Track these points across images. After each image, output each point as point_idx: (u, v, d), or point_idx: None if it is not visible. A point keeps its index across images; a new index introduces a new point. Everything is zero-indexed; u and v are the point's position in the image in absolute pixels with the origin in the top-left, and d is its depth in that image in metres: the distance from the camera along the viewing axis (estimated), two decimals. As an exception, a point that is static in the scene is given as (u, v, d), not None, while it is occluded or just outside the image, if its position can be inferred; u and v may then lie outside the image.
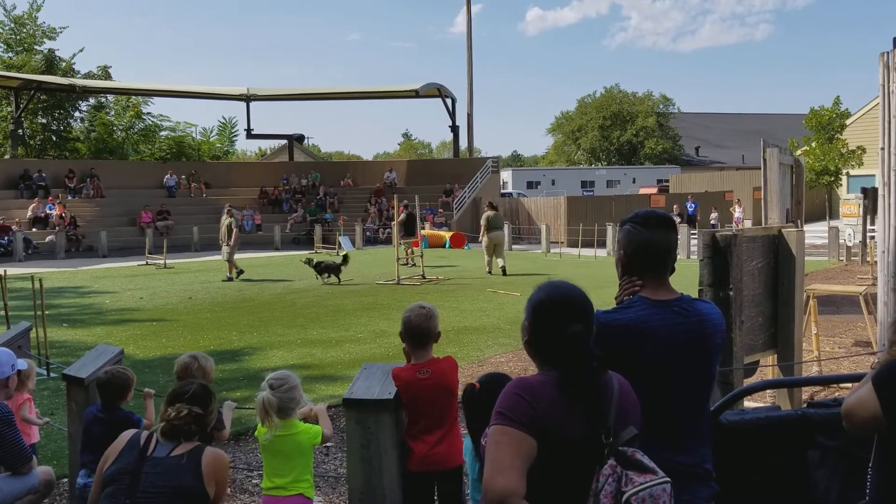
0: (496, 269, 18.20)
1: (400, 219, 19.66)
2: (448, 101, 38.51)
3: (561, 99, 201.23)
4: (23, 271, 17.49)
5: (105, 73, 41.25)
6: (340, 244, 27.10)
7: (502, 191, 42.75)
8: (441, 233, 29.44)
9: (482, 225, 18.70)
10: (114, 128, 41.33)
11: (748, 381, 4.92)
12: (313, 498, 3.88)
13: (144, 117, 42.21)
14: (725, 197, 36.07)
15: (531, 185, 56.50)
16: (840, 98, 35.78)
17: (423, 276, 17.42)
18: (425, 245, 22.05)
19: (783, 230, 5.64)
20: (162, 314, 13.11)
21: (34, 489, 4.27)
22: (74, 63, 39.48)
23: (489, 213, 18.72)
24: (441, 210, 33.57)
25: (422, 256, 18.24)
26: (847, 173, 36.57)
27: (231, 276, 17.98)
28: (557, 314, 2.10)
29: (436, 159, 67.98)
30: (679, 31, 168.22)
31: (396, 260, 17.46)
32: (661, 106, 70.48)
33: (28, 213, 28.47)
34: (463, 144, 40.39)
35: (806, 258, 6.00)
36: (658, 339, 2.33)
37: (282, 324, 11.88)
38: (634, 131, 67.62)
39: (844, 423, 2.15)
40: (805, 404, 3.20)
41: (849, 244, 20.74)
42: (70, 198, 30.68)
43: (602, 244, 24.37)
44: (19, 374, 4.77)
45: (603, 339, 2.19)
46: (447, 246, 27.87)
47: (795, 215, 7.74)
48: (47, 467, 4.66)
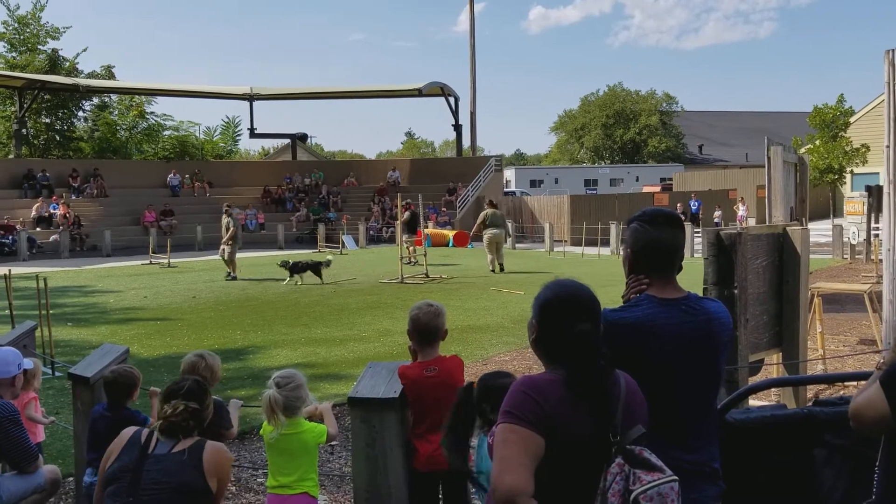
0: (497, 267, 18.33)
1: (404, 218, 19.70)
2: (451, 100, 38.47)
3: (564, 97, 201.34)
4: (27, 270, 17.52)
5: (108, 73, 41.26)
6: (344, 243, 27.12)
7: (505, 189, 42.70)
8: (444, 231, 29.45)
9: (478, 222, 19.04)
10: (117, 127, 41.36)
11: (753, 380, 4.91)
12: (318, 496, 3.89)
13: (148, 117, 42.24)
14: (729, 195, 36.03)
15: (534, 184, 56.39)
16: (844, 96, 35.78)
17: (427, 275, 17.42)
18: (429, 244, 22.05)
19: (788, 228, 5.63)
20: (166, 313, 13.13)
21: (40, 488, 4.27)
22: (78, 63, 39.50)
23: (488, 211, 18.80)
24: (444, 209, 33.56)
25: (425, 255, 18.25)
26: (851, 171, 36.51)
27: (234, 276, 18.00)
28: (565, 313, 2.10)
29: (439, 158, 67.98)
30: (682, 29, 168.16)
31: (400, 259, 17.47)
32: (665, 104, 70.34)
33: (32, 213, 28.51)
34: (466, 143, 40.36)
35: (810, 256, 5.99)
36: (665, 338, 2.33)
37: (286, 323, 11.89)
38: (638, 129, 67.47)
39: (852, 424, 2.15)
40: (811, 402, 3.20)
41: (853, 242, 20.70)
42: (74, 197, 30.72)
43: (605, 243, 24.35)
44: (25, 374, 4.78)
45: (610, 338, 2.19)
46: (450, 244, 27.88)
47: (800, 213, 7.73)
48: (53, 466, 4.67)
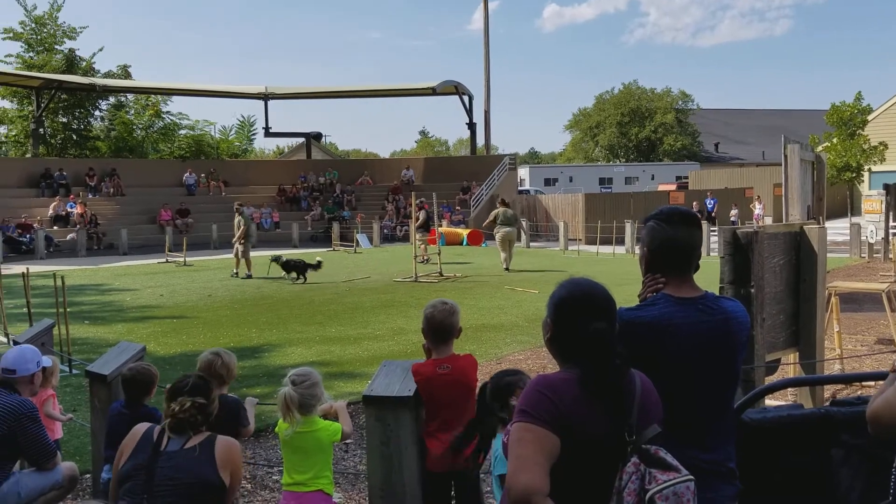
0: (509, 265, 18.34)
1: (420, 221, 19.83)
2: (465, 99, 38.43)
3: (578, 95, 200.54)
4: (44, 269, 17.67)
5: (125, 73, 41.51)
6: (358, 242, 27.17)
7: (519, 188, 42.62)
8: (458, 230, 29.43)
9: (489, 219, 19.20)
10: (133, 126, 41.62)
11: (769, 380, 4.88)
12: (333, 494, 3.90)
13: (164, 116, 42.49)
14: (745, 194, 35.76)
15: (548, 182, 56.20)
16: (862, 93, 35.41)
17: (441, 274, 17.43)
18: (442, 242, 22.05)
19: (805, 227, 5.59)
20: (182, 311, 13.21)
21: (58, 484, 4.31)
22: (94, 62, 39.76)
23: (500, 210, 18.83)
24: (458, 207, 33.54)
25: (439, 254, 18.26)
26: (869, 169, 36.22)
27: (250, 274, 18.08)
28: (580, 311, 2.09)
29: (453, 157, 67.98)
30: (698, 27, 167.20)
31: (414, 257, 17.48)
32: (680, 102, 69.87)
33: (49, 212, 28.75)
34: (480, 142, 40.30)
35: (828, 255, 5.94)
36: (682, 337, 2.31)
37: (300, 321, 11.93)
38: (653, 128, 67.08)
39: (870, 429, 2.12)
40: (828, 402, 3.17)
41: (871, 241, 20.52)
42: (91, 196, 30.94)
43: (620, 241, 24.26)
44: (44, 371, 4.82)
45: (626, 337, 2.18)
46: (464, 243, 27.88)
47: (817, 212, 7.68)
48: (71, 463, 4.71)
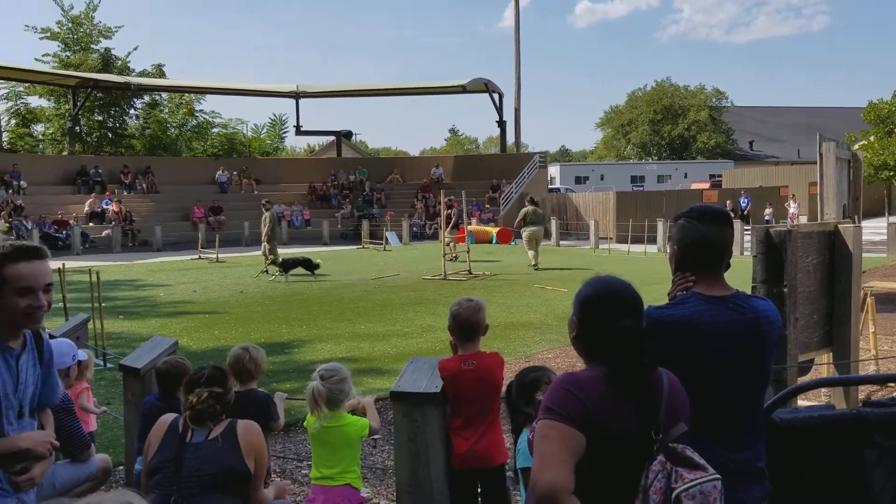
0: (538, 262, 18.33)
1: (452, 222, 19.91)
2: (495, 96, 38.36)
3: (610, 93, 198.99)
4: (80, 265, 17.96)
5: (159, 72, 42.08)
6: (388, 239, 27.27)
7: (550, 186, 42.44)
8: (488, 228, 29.41)
9: (519, 218, 19.23)
10: (167, 125, 42.21)
11: (802, 380, 4.81)
12: (361, 488, 3.92)
13: (197, 114, 43.07)
14: (780, 192, 35.21)
15: (579, 181, 55.92)
16: (900, 90, 34.65)
17: (470, 272, 17.42)
18: (472, 240, 22.05)
19: (840, 226, 5.50)
20: (214, 307, 13.36)
21: (92, 476, 4.37)
22: (129, 61, 40.40)
23: (528, 208, 18.80)
24: (488, 206, 33.52)
25: (468, 252, 18.26)
26: (907, 168, 35.42)
27: (266, 269, 18.15)
28: (607, 309, 2.08)
29: (483, 155, 67.82)
30: (732, 23, 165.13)
31: (443, 255, 17.50)
32: (714, 99, 69.05)
33: (85, 208, 29.27)
34: (510, 140, 40.24)
35: (864, 255, 5.84)
36: (713, 335, 2.29)
37: (330, 318, 12.01)
38: (686, 125, 66.40)
39: None
40: (861, 403, 3.12)
41: (909, 241, 20.12)
42: (125, 193, 31.44)
43: (652, 240, 24.06)
44: (79, 365, 4.91)
45: (656, 335, 2.16)
46: (494, 241, 27.84)
47: (853, 211, 7.54)
48: (105, 455, 4.77)
